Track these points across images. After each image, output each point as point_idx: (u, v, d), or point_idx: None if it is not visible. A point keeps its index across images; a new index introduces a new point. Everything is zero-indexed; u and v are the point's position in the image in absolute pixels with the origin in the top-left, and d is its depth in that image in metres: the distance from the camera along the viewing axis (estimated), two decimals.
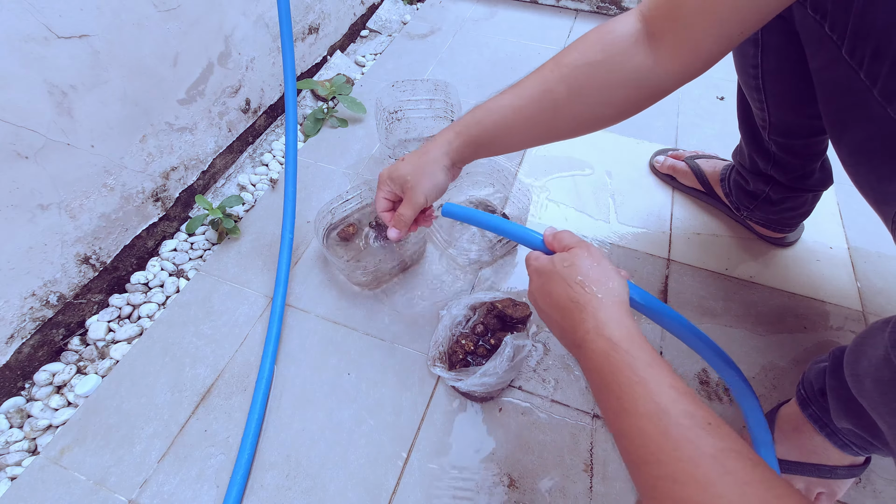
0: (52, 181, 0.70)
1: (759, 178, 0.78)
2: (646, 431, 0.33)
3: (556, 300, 0.44)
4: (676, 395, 0.34)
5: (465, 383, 0.66)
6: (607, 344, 0.38)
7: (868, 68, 0.42)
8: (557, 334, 0.46)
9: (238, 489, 0.61)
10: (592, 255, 0.45)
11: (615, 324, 0.40)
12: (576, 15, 1.44)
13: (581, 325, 0.41)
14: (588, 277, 0.43)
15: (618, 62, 0.49)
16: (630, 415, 0.34)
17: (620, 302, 0.42)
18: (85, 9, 0.68)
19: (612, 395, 0.36)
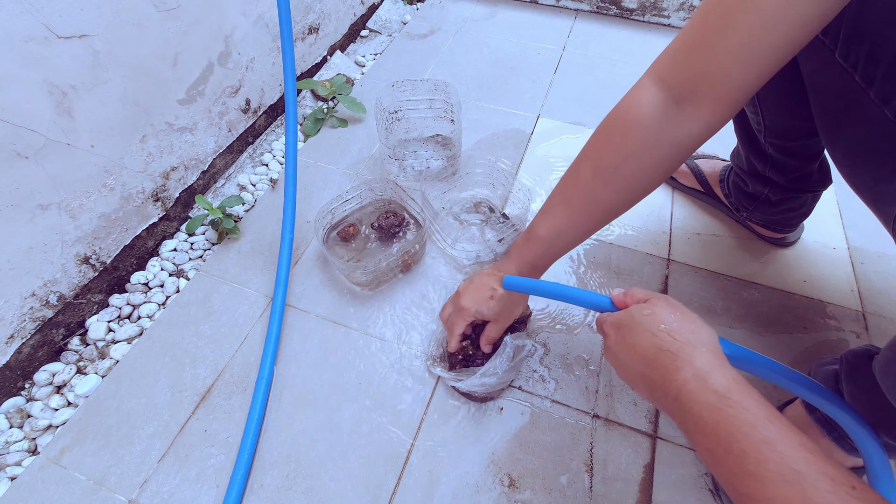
0: (52, 181, 0.70)
1: (757, 180, 0.78)
2: (781, 497, 0.29)
3: (642, 352, 0.41)
4: (810, 455, 0.30)
5: (465, 384, 0.66)
6: (714, 396, 0.35)
7: (863, 71, 0.42)
8: (645, 391, 0.42)
9: (238, 489, 0.61)
10: (672, 304, 0.42)
11: (718, 372, 0.36)
12: (576, 15, 1.44)
13: (677, 375, 0.37)
14: (673, 325, 0.40)
15: (654, 144, 0.49)
16: (757, 479, 0.31)
17: (715, 348, 0.39)
18: (85, 9, 0.68)
19: (730, 455, 0.33)
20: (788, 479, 0.30)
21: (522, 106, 1.16)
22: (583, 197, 0.55)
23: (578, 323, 0.78)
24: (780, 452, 0.31)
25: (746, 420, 0.33)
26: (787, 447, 0.31)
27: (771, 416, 0.33)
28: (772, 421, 0.33)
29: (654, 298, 0.44)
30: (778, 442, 0.31)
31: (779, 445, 0.31)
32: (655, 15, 1.38)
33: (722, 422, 0.34)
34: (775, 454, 0.31)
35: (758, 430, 0.32)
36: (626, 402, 0.70)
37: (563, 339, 0.77)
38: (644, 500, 0.62)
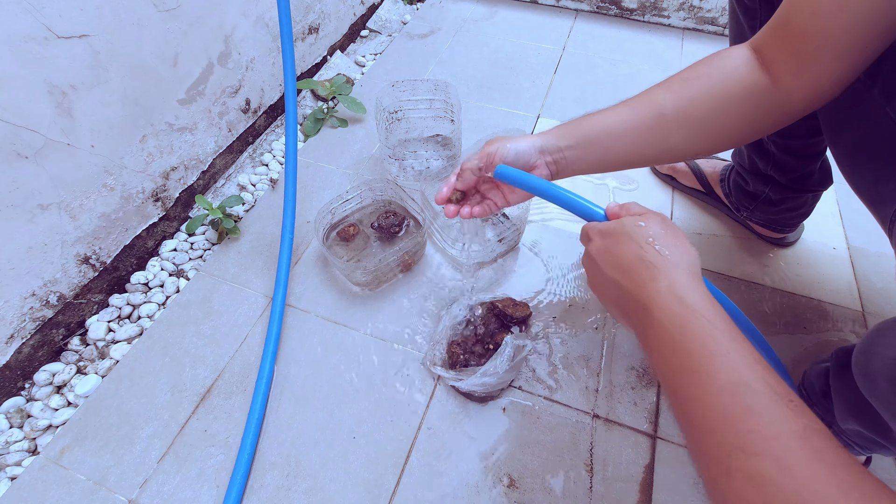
0: (52, 181, 0.70)
1: (758, 179, 0.79)
2: (724, 404, 0.31)
3: (621, 260, 0.41)
4: (759, 367, 0.32)
5: (465, 383, 0.66)
6: (682, 307, 0.36)
7: (868, 69, 0.42)
8: (612, 296, 0.43)
9: (238, 489, 0.61)
10: (665, 222, 0.42)
11: (691, 288, 0.37)
12: (576, 15, 1.44)
13: (650, 284, 0.38)
14: (660, 239, 0.40)
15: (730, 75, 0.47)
16: (704, 384, 0.32)
17: (695, 269, 0.39)
18: (85, 9, 0.68)
19: (684, 361, 0.34)
20: (733, 387, 0.31)
21: (522, 106, 1.16)
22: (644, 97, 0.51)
23: (578, 323, 0.78)
24: (731, 363, 0.32)
25: (707, 331, 0.34)
26: (740, 359, 0.32)
27: (732, 333, 0.34)
28: (731, 336, 0.34)
29: (650, 213, 0.43)
30: (733, 353, 0.33)
31: (732, 357, 0.32)
32: (655, 15, 1.38)
33: (684, 331, 0.35)
34: (727, 364, 0.32)
35: (716, 341, 0.33)
36: (626, 402, 0.70)
37: (564, 339, 0.77)
38: (644, 500, 0.62)
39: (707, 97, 0.48)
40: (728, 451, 0.29)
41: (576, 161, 0.54)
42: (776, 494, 0.26)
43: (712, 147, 0.51)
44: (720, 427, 0.31)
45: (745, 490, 0.28)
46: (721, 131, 0.49)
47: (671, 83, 0.50)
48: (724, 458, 0.30)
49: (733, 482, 0.29)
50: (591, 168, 0.55)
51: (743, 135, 0.50)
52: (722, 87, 0.47)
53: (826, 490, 0.26)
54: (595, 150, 0.53)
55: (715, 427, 0.31)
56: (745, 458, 0.28)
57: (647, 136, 0.51)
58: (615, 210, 0.46)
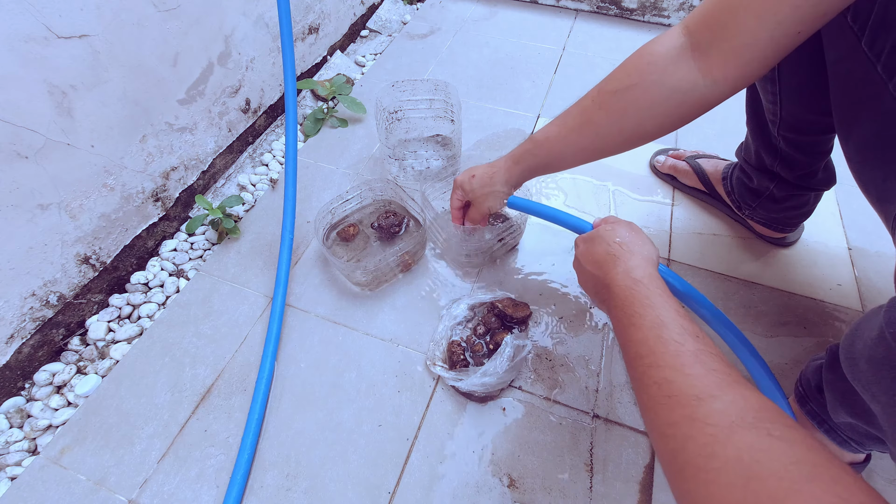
0: (52, 181, 0.70)
1: (763, 175, 0.78)
2: (647, 337, 0.41)
3: (596, 256, 0.53)
4: (677, 315, 0.41)
5: (465, 383, 0.66)
6: (631, 281, 0.46)
7: (886, 62, 0.42)
8: (591, 286, 0.54)
9: (238, 489, 0.61)
10: (632, 227, 0.54)
11: (640, 269, 0.47)
12: (576, 15, 1.44)
13: (612, 270, 0.49)
14: (624, 238, 0.52)
15: (656, 81, 0.51)
16: (636, 327, 0.42)
17: (650, 258, 0.50)
18: (85, 9, 0.69)
19: (625, 315, 0.44)
20: (654, 325, 0.41)
21: (522, 106, 1.16)
22: (578, 114, 0.58)
23: (579, 323, 0.78)
24: (656, 310, 0.42)
25: (645, 294, 0.44)
26: (665, 310, 0.42)
27: (664, 295, 0.44)
28: (662, 297, 0.44)
29: (621, 221, 0.56)
30: (659, 305, 0.43)
31: (658, 306, 0.43)
32: (655, 15, 1.38)
33: (629, 298, 0.45)
34: (653, 311, 0.42)
35: (649, 298, 0.44)
36: (626, 402, 0.70)
37: (564, 340, 0.76)
38: (644, 500, 0.62)
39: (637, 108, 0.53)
40: (644, 370, 0.39)
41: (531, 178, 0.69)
42: (671, 389, 0.36)
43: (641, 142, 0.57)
44: (642, 354, 0.40)
45: (651, 391, 0.37)
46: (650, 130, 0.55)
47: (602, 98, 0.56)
48: (642, 376, 0.39)
49: (645, 389, 0.38)
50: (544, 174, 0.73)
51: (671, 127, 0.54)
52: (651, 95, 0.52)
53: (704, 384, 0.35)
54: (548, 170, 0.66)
55: (639, 355, 0.40)
56: (654, 370, 0.38)
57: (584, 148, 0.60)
58: (597, 222, 0.59)
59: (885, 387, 0.38)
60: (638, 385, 0.40)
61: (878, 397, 0.40)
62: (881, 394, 0.39)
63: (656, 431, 0.36)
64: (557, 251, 0.88)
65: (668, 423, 0.35)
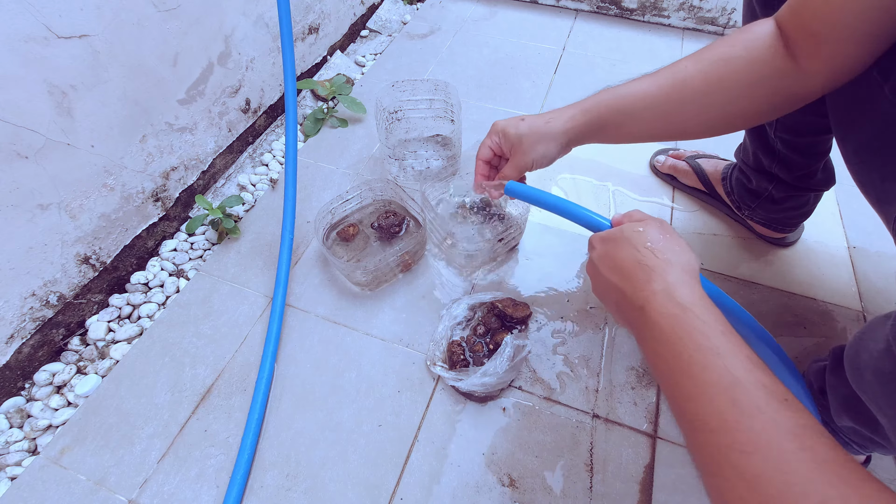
0: (52, 181, 0.70)
1: (762, 176, 0.78)
2: (715, 399, 0.31)
3: (620, 263, 0.42)
4: (752, 366, 0.32)
5: (465, 383, 0.66)
6: (677, 307, 0.36)
7: (882, 64, 0.42)
8: (613, 299, 0.43)
9: (238, 489, 0.61)
10: (664, 227, 0.43)
11: (687, 288, 0.38)
12: (576, 15, 1.44)
13: (647, 286, 0.39)
14: (658, 244, 0.41)
15: (759, 59, 0.47)
16: (698, 381, 0.33)
17: (692, 270, 0.40)
18: (85, 9, 0.68)
19: (678, 358, 0.34)
20: (725, 384, 0.31)
21: (522, 106, 1.16)
22: (672, 74, 0.52)
23: (579, 323, 0.78)
24: (724, 360, 0.32)
25: (700, 329, 0.34)
26: (733, 357, 0.32)
27: (724, 330, 0.34)
28: (724, 333, 0.34)
29: (650, 219, 0.45)
30: (725, 351, 0.33)
31: (725, 354, 0.33)
32: (655, 15, 1.38)
33: (677, 330, 0.35)
34: (720, 361, 0.32)
35: (709, 339, 0.34)
36: (626, 402, 0.70)
37: (564, 339, 0.76)
38: (644, 500, 0.62)
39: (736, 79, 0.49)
40: (722, 450, 0.30)
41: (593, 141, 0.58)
42: (768, 491, 0.27)
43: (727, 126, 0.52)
44: (714, 425, 0.31)
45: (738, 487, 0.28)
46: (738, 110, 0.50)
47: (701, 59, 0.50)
48: (718, 457, 0.30)
49: (727, 480, 0.29)
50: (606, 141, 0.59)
51: (762, 114, 0.51)
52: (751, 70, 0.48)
53: (816, 485, 0.25)
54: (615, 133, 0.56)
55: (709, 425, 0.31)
56: (737, 456, 0.29)
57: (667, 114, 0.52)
58: (618, 218, 0.47)
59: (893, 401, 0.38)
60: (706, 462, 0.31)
61: (884, 410, 0.39)
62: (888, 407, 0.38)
63: None
64: (558, 251, 0.88)
65: None
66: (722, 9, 1.30)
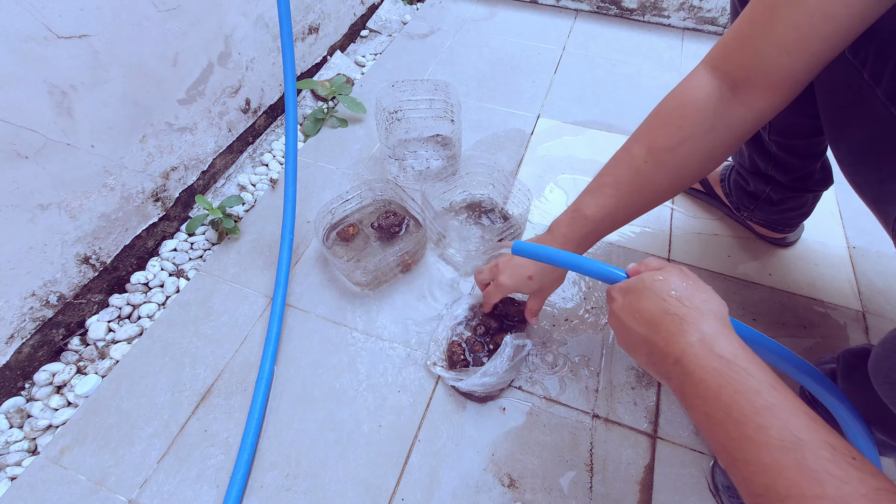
0: (52, 181, 0.70)
1: (759, 179, 0.78)
2: (779, 463, 0.29)
3: (647, 315, 0.40)
4: (812, 423, 0.30)
5: (465, 383, 0.66)
6: (719, 360, 0.34)
7: (871, 68, 0.42)
8: (644, 355, 0.41)
9: (238, 489, 0.61)
10: (685, 273, 0.42)
11: (724, 338, 0.36)
12: (576, 15, 1.44)
13: (681, 337, 0.37)
14: (683, 292, 0.40)
15: (711, 127, 0.49)
16: (757, 444, 0.30)
17: (723, 317, 0.38)
18: (85, 9, 0.68)
19: (730, 420, 0.32)
20: (788, 446, 0.29)
21: (522, 106, 1.16)
22: (634, 179, 0.54)
23: (579, 323, 0.78)
24: (782, 419, 0.30)
25: (750, 385, 0.32)
26: (790, 414, 0.31)
27: (775, 384, 0.33)
28: (776, 388, 0.32)
29: (668, 267, 0.43)
30: (781, 408, 0.31)
31: (781, 412, 0.31)
32: (655, 15, 1.38)
33: (725, 386, 0.33)
34: (777, 420, 0.30)
35: (762, 395, 0.32)
36: (626, 402, 0.70)
37: (564, 340, 0.76)
38: (644, 500, 0.62)
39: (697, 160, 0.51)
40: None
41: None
42: None
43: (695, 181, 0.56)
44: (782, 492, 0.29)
45: None
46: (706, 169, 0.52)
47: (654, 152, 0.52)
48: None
49: None
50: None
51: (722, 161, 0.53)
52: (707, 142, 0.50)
53: None
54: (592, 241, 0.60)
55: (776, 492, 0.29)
56: None
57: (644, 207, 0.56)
58: (635, 268, 0.46)
59: None
60: None
61: None
62: None
63: None
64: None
65: None
66: (722, 9, 1.30)
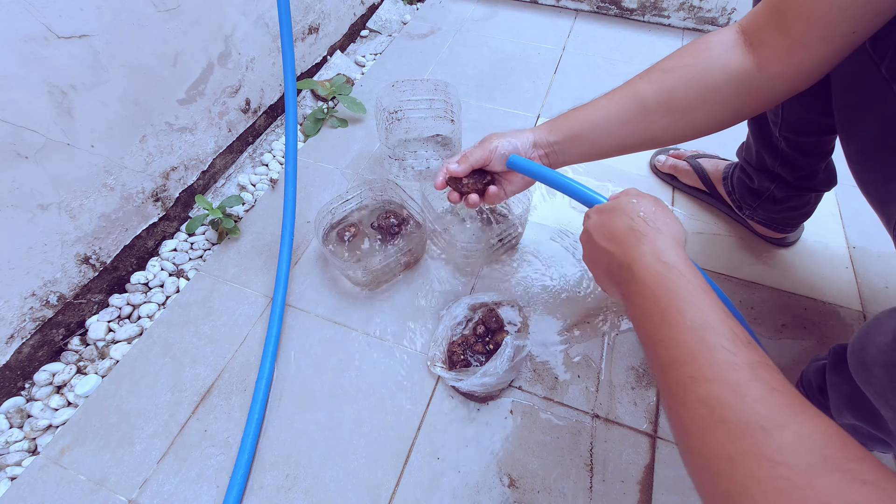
0: (52, 181, 0.70)
1: (764, 176, 0.78)
2: (686, 340, 0.34)
3: (613, 230, 0.45)
4: (724, 316, 0.35)
5: (465, 383, 0.66)
6: (662, 266, 0.39)
7: (890, 63, 0.42)
8: (603, 263, 0.46)
9: (238, 489, 0.61)
10: (658, 202, 0.47)
11: (672, 252, 0.40)
12: (576, 15, 1.44)
13: (636, 248, 0.42)
14: (651, 214, 0.44)
15: (712, 65, 0.49)
16: (672, 325, 0.36)
17: (680, 239, 0.43)
18: (85, 9, 0.68)
19: (654, 307, 0.38)
20: (696, 326, 0.34)
21: (522, 106, 1.16)
22: (625, 87, 0.55)
23: (579, 323, 0.78)
24: (699, 308, 0.36)
25: (681, 284, 0.38)
26: (708, 308, 0.35)
27: (705, 289, 0.37)
28: (703, 290, 0.37)
29: (644, 194, 0.48)
30: (700, 302, 0.36)
31: (699, 304, 0.36)
32: (655, 15, 1.38)
33: (660, 285, 0.38)
34: (694, 308, 0.36)
35: (687, 291, 0.37)
36: (626, 402, 0.70)
37: (564, 339, 0.76)
38: (644, 500, 0.62)
39: (687, 87, 0.51)
40: (685, 381, 0.33)
41: (565, 153, 0.60)
42: (725, 412, 0.30)
43: (694, 133, 0.54)
44: (681, 359, 0.34)
45: (698, 411, 0.31)
46: (703, 119, 0.52)
47: (652, 74, 0.53)
48: (681, 387, 0.33)
49: (688, 406, 0.32)
50: (581, 158, 0.61)
51: (725, 120, 0.52)
52: (703, 77, 0.50)
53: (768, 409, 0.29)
54: (583, 142, 0.58)
55: (677, 360, 0.34)
56: (699, 384, 0.32)
57: (630, 126, 0.55)
58: (615, 194, 0.50)
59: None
60: (673, 397, 0.34)
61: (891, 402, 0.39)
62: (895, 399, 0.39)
63: (701, 459, 0.30)
64: (558, 251, 0.88)
65: (722, 457, 0.29)
66: (722, 9, 1.30)
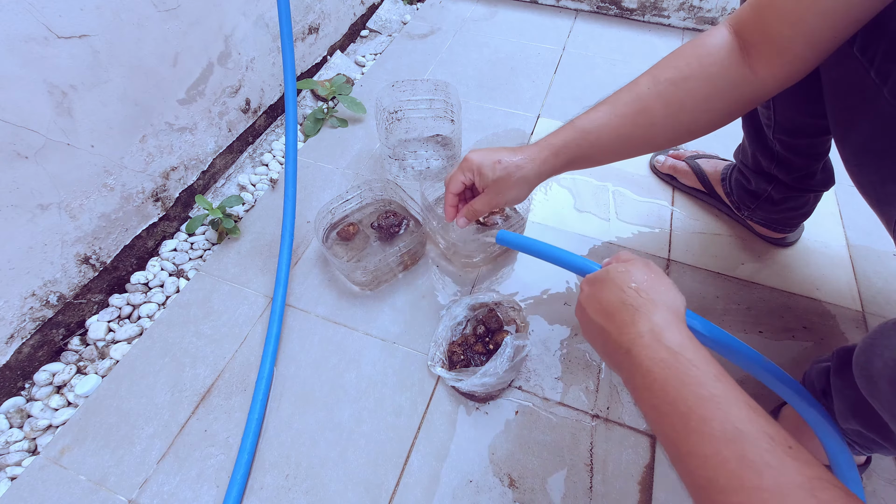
0: (52, 181, 0.70)
1: (761, 177, 0.78)
2: (720, 455, 0.30)
3: (605, 305, 0.42)
4: (753, 414, 0.31)
5: (465, 383, 0.66)
6: (667, 352, 0.35)
7: (879, 67, 0.42)
8: (600, 342, 0.43)
9: (238, 489, 0.61)
10: (650, 267, 0.43)
11: (674, 330, 0.36)
12: (576, 15, 1.44)
13: (632, 328, 0.38)
14: (643, 283, 0.41)
15: (716, 73, 0.50)
16: (700, 435, 0.31)
17: (677, 311, 0.39)
18: (85, 9, 0.68)
19: (675, 411, 0.33)
20: (729, 437, 0.30)
21: (522, 106, 1.16)
22: (631, 101, 0.54)
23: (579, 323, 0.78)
24: (724, 410, 0.31)
25: (695, 377, 0.33)
26: (732, 405, 0.31)
27: (719, 375, 0.33)
28: (720, 379, 0.33)
29: (635, 259, 0.45)
30: (723, 400, 0.32)
31: (724, 403, 0.31)
32: (655, 15, 1.38)
33: (671, 378, 0.34)
34: (720, 412, 0.31)
35: (705, 387, 0.33)
36: (627, 402, 0.70)
37: (564, 340, 0.77)
38: (644, 500, 0.62)
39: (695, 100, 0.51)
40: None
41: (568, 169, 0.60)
42: None
43: (691, 137, 0.55)
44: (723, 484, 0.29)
45: None
46: (704, 124, 0.53)
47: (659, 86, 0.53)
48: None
49: None
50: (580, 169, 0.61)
51: (721, 122, 0.53)
52: (709, 85, 0.50)
53: None
54: (587, 164, 0.59)
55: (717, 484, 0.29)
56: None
57: (634, 139, 0.55)
58: (608, 261, 0.48)
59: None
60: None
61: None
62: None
63: None
64: None
65: None
66: (722, 9, 1.30)
